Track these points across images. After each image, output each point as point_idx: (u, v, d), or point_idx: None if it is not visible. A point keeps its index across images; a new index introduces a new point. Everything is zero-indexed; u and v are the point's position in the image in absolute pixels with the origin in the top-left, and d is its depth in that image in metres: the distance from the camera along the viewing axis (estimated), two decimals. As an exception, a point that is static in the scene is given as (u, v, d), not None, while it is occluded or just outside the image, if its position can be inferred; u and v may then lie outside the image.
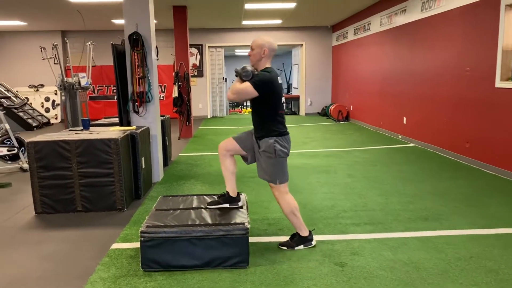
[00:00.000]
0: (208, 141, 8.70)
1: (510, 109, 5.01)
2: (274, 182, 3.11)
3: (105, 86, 13.35)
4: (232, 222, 2.92)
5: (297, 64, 14.64)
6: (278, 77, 3.06)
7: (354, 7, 10.00)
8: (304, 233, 3.18)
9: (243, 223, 2.90)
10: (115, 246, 3.29)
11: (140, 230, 2.83)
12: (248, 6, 9.23)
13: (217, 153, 3.38)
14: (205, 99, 13.52)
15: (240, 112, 15.89)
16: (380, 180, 5.11)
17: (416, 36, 7.39)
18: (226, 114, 14.47)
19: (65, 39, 9.42)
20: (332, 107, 12.00)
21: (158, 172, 5.32)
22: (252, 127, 3.23)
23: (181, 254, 2.82)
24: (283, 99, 3.10)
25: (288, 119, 12.88)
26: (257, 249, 3.15)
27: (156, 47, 5.48)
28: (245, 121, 12.60)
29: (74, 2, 8.40)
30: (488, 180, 5.02)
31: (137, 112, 5.10)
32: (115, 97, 13.21)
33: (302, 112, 13.88)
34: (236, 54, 19.49)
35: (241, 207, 3.26)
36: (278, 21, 11.96)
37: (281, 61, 19.73)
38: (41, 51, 9.35)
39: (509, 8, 5.02)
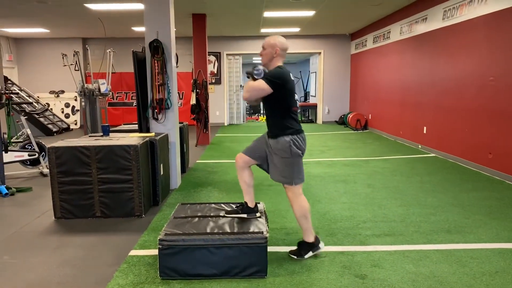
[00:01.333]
0: (225, 148, 8.70)
1: (536, 120, 4.89)
2: (290, 183, 3.07)
3: (124, 92, 13.50)
4: (251, 231, 2.89)
5: (315, 72, 14.60)
6: (291, 74, 3.04)
7: (374, 16, 9.94)
8: (310, 238, 3.13)
9: (262, 232, 2.87)
10: (133, 252, 3.28)
11: (158, 238, 2.81)
12: (267, 14, 9.25)
13: (234, 161, 3.37)
14: (222, 106, 13.56)
15: (257, 119, 15.90)
16: (401, 191, 5.02)
17: (438, 44, 7.29)
18: (243, 121, 14.47)
19: (86, 46, 9.57)
20: (350, 116, 11.91)
21: (176, 179, 5.32)
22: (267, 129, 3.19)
23: (199, 262, 2.80)
24: (296, 96, 3.08)
25: (305, 127, 12.79)
26: (276, 259, 3.11)
27: (176, 54, 5.51)
28: (262, 129, 12.54)
29: (95, 10, 8.53)
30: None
31: (156, 119, 5.13)
32: (134, 104, 13.39)
33: (319, 120, 13.80)
34: (253, 62, 19.53)
35: (260, 216, 3.23)
36: (296, 29, 11.96)
37: (298, 69, 19.72)
38: (63, 57, 9.52)
39: (535, 17, 4.92)
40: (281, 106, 3.02)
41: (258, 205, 3.34)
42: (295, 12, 9.15)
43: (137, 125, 5.90)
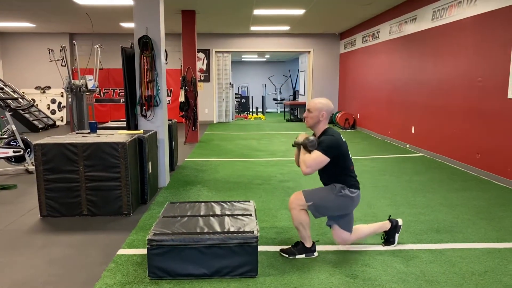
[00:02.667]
0: (214, 146, 8.65)
1: (523, 121, 4.94)
2: (306, 198, 3.04)
3: (111, 89, 13.35)
4: (241, 230, 2.86)
5: (304, 71, 14.60)
6: (341, 135, 3.06)
7: (363, 15, 9.97)
8: (308, 244, 3.13)
9: (252, 231, 2.84)
10: (121, 252, 3.23)
11: (147, 238, 2.76)
12: (257, 12, 9.22)
13: (224, 159, 3.33)
14: (211, 104, 13.50)
15: (245, 118, 15.86)
16: (390, 190, 5.03)
17: (427, 45, 7.33)
18: (232, 119, 14.42)
19: (74, 41, 9.44)
20: (338, 115, 11.94)
21: (165, 177, 5.27)
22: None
23: (189, 262, 2.76)
24: (350, 155, 3.10)
25: (293, 125, 12.93)
26: (266, 258, 3.09)
27: (166, 51, 5.45)
28: (251, 127, 12.57)
29: (83, 4, 8.40)
30: (500, 192, 4.94)
31: (145, 116, 5.07)
32: (122, 100, 13.26)
33: (308, 119, 13.80)
34: (243, 59, 19.49)
35: (250, 215, 3.20)
36: (286, 28, 11.94)
37: (287, 67, 19.73)
38: (49, 53, 9.37)
39: (523, 18, 4.96)
40: (339, 170, 3.04)
41: (246, 203, 3.32)
42: (285, 10, 9.14)
43: (125, 122, 5.84)
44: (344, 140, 3.05)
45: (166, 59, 5.45)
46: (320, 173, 3.16)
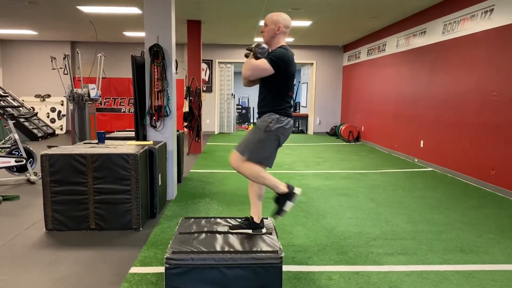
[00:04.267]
0: (218, 157, 8.49)
1: (542, 137, 4.83)
2: (242, 152, 2.89)
3: (113, 98, 13.19)
4: (265, 249, 2.70)
5: (306, 83, 14.52)
6: (294, 58, 2.90)
7: (369, 28, 9.91)
8: (283, 189, 2.92)
9: (277, 251, 2.68)
10: (133, 270, 3.05)
11: (165, 256, 2.60)
12: (263, 23, 9.11)
13: (230, 171, 3.20)
14: (213, 114, 13.36)
15: (246, 128, 15.73)
16: (405, 206, 4.88)
17: (437, 58, 7.25)
18: (233, 130, 14.28)
19: (77, 49, 9.30)
20: (342, 127, 11.83)
21: (173, 189, 5.10)
22: None
23: (209, 283, 2.59)
24: (294, 81, 2.94)
25: (296, 137, 12.79)
26: (287, 279, 2.92)
27: (176, 60, 5.32)
28: (253, 139, 12.40)
29: (87, 12, 8.29)
30: (518, 209, 4.81)
31: (155, 127, 4.91)
32: (123, 110, 13.11)
33: (310, 131, 13.71)
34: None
35: (270, 233, 3.04)
36: (290, 40, 11.87)
37: (288, 79, 19.64)
38: (51, 60, 9.23)
39: (542, 33, 4.88)
40: (278, 88, 2.89)
41: (264, 220, 3.16)
42: (292, 22, 9.03)
43: (131, 132, 5.70)
44: (295, 64, 2.89)
45: (176, 69, 5.32)
46: (260, 90, 2.98)
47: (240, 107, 17.23)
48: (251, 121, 17.60)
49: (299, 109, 16.51)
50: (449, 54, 6.85)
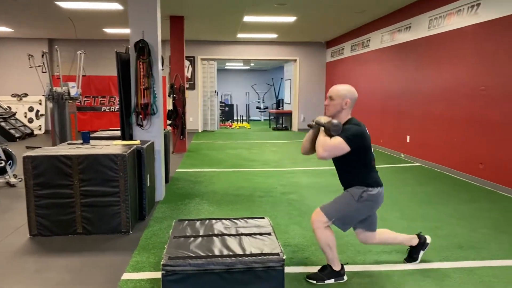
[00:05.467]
0: (204, 156, 8.35)
1: (531, 130, 4.85)
2: (327, 214, 2.79)
3: (93, 97, 12.87)
4: (266, 252, 2.60)
5: (290, 79, 14.46)
6: (366, 129, 2.82)
7: (353, 23, 9.88)
8: (337, 267, 2.87)
9: (278, 254, 2.57)
10: (126, 276, 2.92)
11: (162, 263, 2.46)
12: (247, 18, 9.01)
13: (217, 170, 3.08)
14: (196, 112, 13.18)
15: (230, 126, 15.59)
16: (397, 202, 4.85)
17: (423, 53, 7.25)
18: (217, 128, 14.12)
19: (56, 47, 9.00)
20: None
21: (161, 190, 4.96)
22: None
23: (209, 289, 2.48)
24: (372, 149, 2.87)
25: (281, 134, 12.73)
26: (287, 281, 2.81)
27: (162, 57, 5.16)
28: (237, 136, 12.31)
29: (67, 8, 8.02)
30: (509, 203, 4.81)
31: (141, 125, 4.75)
32: (113, 109, 12.82)
33: (294, 127, 13.66)
34: (226, 67, 19.26)
35: (269, 234, 2.94)
36: (273, 36, 11.78)
37: (270, 76, 19.58)
38: (29, 58, 8.93)
39: (530, 27, 4.89)
40: (359, 164, 2.80)
41: (261, 219, 3.06)
42: (276, 17, 8.96)
43: (115, 132, 5.53)
44: (368, 133, 2.80)
45: (162, 65, 5.17)
46: (339, 166, 2.91)
47: (223, 104, 17.08)
48: (235, 118, 17.48)
49: (282, 106, 16.46)
50: (435, 49, 6.86)
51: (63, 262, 3.16)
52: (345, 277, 2.89)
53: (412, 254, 3.15)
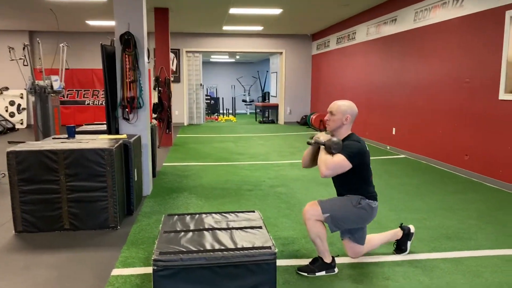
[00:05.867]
0: (191, 150, 8.30)
1: (515, 122, 4.93)
2: (324, 210, 2.79)
3: (76, 90, 12.67)
4: (257, 246, 2.59)
5: (276, 72, 14.44)
6: (365, 144, 2.84)
7: (338, 16, 9.88)
8: (328, 259, 2.88)
9: (270, 247, 2.57)
10: (116, 272, 2.88)
11: (152, 258, 2.43)
12: (233, 10, 8.94)
13: (204, 163, 3.06)
14: (181, 105, 13.08)
15: (216, 119, 15.52)
16: (385, 194, 4.89)
17: (408, 46, 7.29)
18: (203, 121, 14.04)
19: (37, 39, 8.80)
20: (313, 116, 11.83)
21: (148, 184, 4.91)
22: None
23: (200, 284, 2.45)
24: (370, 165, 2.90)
25: (267, 127, 12.72)
26: (278, 274, 2.80)
27: (148, 49, 5.09)
28: (224, 129, 12.26)
29: (47, 0, 7.84)
30: (495, 194, 4.89)
31: (127, 119, 4.69)
32: (96, 102, 12.64)
33: (281, 121, 13.66)
34: (211, 60, 19.12)
35: (260, 227, 2.93)
36: (259, 28, 11.72)
37: (256, 68, 19.52)
38: (9, 51, 8.72)
39: (514, 20, 4.95)
40: (359, 180, 2.83)
41: (252, 213, 3.04)
42: (262, 9, 8.90)
43: (100, 126, 5.45)
44: (368, 149, 2.84)
45: (148, 58, 5.09)
46: (337, 180, 2.94)
47: (209, 97, 16.98)
48: (220, 111, 17.40)
49: (268, 99, 16.44)
50: (420, 42, 6.90)
51: (50, 258, 3.10)
52: (336, 269, 2.90)
53: (400, 246, 3.20)
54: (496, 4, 5.17)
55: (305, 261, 2.99)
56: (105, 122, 5.21)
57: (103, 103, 12.60)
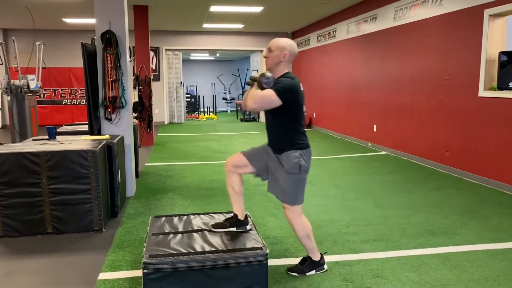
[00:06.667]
0: (172, 149, 8.21)
1: (494, 118, 5.03)
2: (293, 203, 2.76)
3: (53, 89, 12.39)
4: (249, 247, 2.57)
5: (256, 70, 14.41)
6: (301, 84, 2.74)
7: (319, 14, 9.92)
8: (316, 257, 2.88)
9: (261, 248, 2.56)
10: (103, 276, 2.82)
11: (142, 261, 2.40)
12: (214, 8, 8.87)
13: (187, 163, 3.01)
14: (162, 104, 12.94)
15: (197, 118, 15.42)
16: (369, 191, 4.93)
17: (389, 44, 7.37)
18: (184, 120, 13.93)
19: (12, 37, 8.57)
20: (294, 114, 11.85)
21: (132, 185, 4.83)
22: (267, 141, 2.88)
23: (191, 287, 2.43)
24: (304, 108, 2.80)
25: (249, 125, 12.70)
26: (269, 275, 2.79)
27: (130, 48, 5.00)
28: (205, 128, 12.19)
29: (23, -3, 7.65)
30: (476, 190, 4.98)
31: (110, 119, 4.60)
32: (74, 102, 12.39)
33: (262, 118, 13.66)
34: (190, 58, 18.98)
35: (250, 229, 2.91)
36: (239, 26, 11.67)
37: (236, 66, 19.45)
38: (-16, 50, 8.47)
39: (492, 18, 5.05)
40: (290, 120, 2.71)
41: (248, 218, 3.02)
42: (243, 7, 8.87)
43: (81, 126, 5.35)
44: (302, 90, 2.73)
45: (130, 57, 5.01)
46: (270, 124, 2.83)
47: (189, 95, 16.84)
48: (201, 109, 17.29)
49: (248, 97, 16.37)
50: (401, 40, 6.98)
51: (34, 263, 3.02)
52: (326, 266, 2.90)
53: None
54: (475, 3, 5.26)
55: (295, 260, 2.99)
56: (85, 123, 5.12)
57: (82, 103, 12.41)
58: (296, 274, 2.84)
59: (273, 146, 2.81)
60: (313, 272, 2.85)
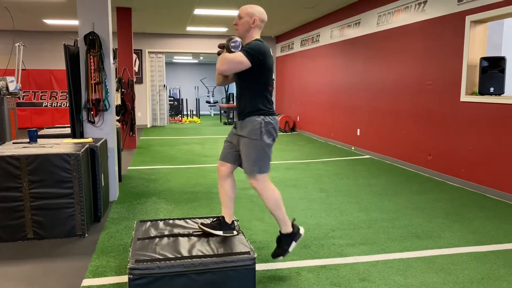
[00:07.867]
0: (155, 152, 8.13)
1: (475, 123, 5.12)
2: (255, 171, 2.72)
3: (32, 92, 12.15)
4: (236, 251, 2.55)
5: (240, 74, 14.40)
6: (270, 49, 2.75)
7: (303, 18, 9.98)
8: (289, 228, 2.86)
9: (249, 252, 2.54)
10: (86, 282, 2.76)
11: (128, 267, 2.35)
12: (198, 11, 8.84)
13: (171, 167, 2.99)
14: (144, 107, 12.82)
15: (180, 121, 15.32)
16: (354, 195, 4.96)
17: (372, 49, 7.45)
18: (167, 123, 13.82)
19: (-9, 38, 8.41)
20: (278, 118, 11.89)
21: (115, 189, 4.76)
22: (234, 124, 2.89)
23: (178, 292, 2.39)
24: (273, 75, 2.80)
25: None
26: (256, 279, 2.79)
27: (114, 50, 4.93)
28: (189, 131, 12.11)
29: (3, -3, 7.50)
30: (459, 193, 5.05)
31: (93, 122, 4.52)
32: (45, 104, 12.16)
33: (245, 122, 13.63)
34: (174, 61, 18.87)
35: (237, 234, 2.89)
36: (223, 29, 11.66)
37: (219, 70, 19.39)
38: (-39, 50, 8.27)
39: (474, 25, 5.14)
40: (257, 84, 2.71)
41: (235, 223, 2.99)
42: (227, 11, 8.85)
43: (63, 129, 5.26)
44: (271, 55, 2.75)
45: (114, 59, 4.94)
46: (239, 87, 2.80)
47: (172, 98, 16.74)
48: (184, 113, 17.20)
49: (233, 100, 16.39)
50: (384, 45, 7.06)
51: (15, 270, 2.93)
52: (302, 230, 2.92)
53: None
54: (457, 9, 5.35)
55: (282, 265, 2.99)
56: (67, 125, 5.03)
57: (62, 105, 12.20)
58: (281, 257, 2.84)
59: (239, 114, 2.79)
60: (294, 244, 2.85)
